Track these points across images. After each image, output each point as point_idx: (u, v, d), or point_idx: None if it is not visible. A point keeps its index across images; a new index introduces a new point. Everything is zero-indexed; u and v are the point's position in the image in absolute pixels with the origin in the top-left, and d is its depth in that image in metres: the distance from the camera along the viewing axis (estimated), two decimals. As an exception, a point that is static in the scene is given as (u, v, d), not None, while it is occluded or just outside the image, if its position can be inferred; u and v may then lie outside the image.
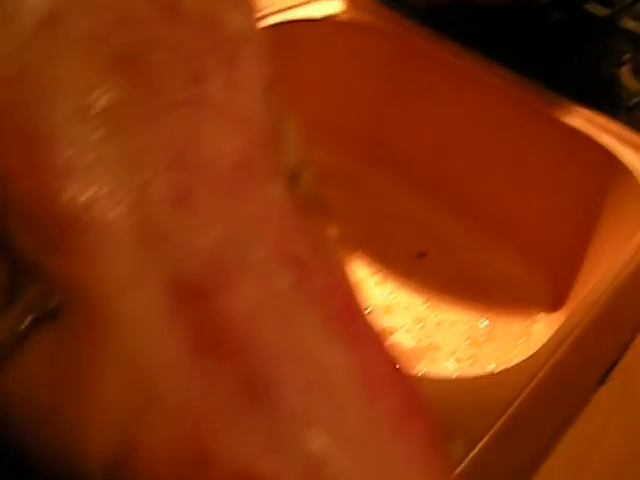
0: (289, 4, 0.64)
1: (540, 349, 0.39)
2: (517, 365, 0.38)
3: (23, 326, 0.17)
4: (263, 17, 0.60)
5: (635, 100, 0.59)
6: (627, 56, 0.63)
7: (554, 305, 0.62)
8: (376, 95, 0.71)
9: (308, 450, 0.16)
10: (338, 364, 0.17)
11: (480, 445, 0.34)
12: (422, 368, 0.57)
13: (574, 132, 0.57)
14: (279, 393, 0.16)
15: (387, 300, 0.62)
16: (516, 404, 0.36)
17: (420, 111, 0.69)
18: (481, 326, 0.61)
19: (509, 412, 0.35)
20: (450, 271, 0.65)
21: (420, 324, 0.61)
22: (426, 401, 0.18)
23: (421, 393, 0.18)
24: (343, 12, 0.66)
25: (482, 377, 0.39)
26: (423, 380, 0.43)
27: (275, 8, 0.63)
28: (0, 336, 0.17)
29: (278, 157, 0.20)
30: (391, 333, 0.59)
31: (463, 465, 0.33)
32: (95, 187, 0.17)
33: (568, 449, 0.35)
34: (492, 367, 0.57)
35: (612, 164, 0.55)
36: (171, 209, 0.17)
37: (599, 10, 0.67)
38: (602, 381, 0.38)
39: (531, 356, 0.39)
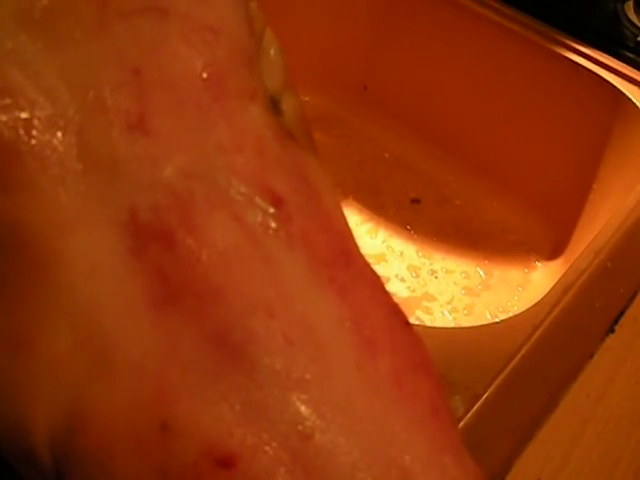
0: None
1: (544, 297, 0.36)
2: (520, 314, 0.35)
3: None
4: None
5: (641, 36, 0.56)
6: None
7: (553, 253, 0.60)
8: (368, 36, 0.67)
9: (291, 419, 0.13)
10: (326, 316, 0.14)
11: (480, 402, 0.32)
12: (416, 318, 0.54)
13: (577, 69, 0.54)
14: (255, 352, 0.14)
15: (380, 249, 0.60)
16: (519, 356, 0.33)
17: (413, 52, 0.65)
18: (477, 275, 0.59)
19: (512, 365, 0.33)
20: (445, 218, 0.62)
21: (414, 273, 0.58)
22: (430, 355, 0.16)
23: (425, 345, 0.16)
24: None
25: (483, 327, 0.36)
26: (418, 331, 0.40)
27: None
28: None
29: (256, 78, 0.17)
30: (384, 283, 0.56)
31: (462, 424, 0.31)
32: (33, 108, 0.14)
33: (575, 402, 0.33)
34: (489, 317, 0.55)
35: (617, 101, 0.52)
36: (124, 135, 0.14)
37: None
38: (610, 330, 0.36)
39: (535, 304, 0.36)
